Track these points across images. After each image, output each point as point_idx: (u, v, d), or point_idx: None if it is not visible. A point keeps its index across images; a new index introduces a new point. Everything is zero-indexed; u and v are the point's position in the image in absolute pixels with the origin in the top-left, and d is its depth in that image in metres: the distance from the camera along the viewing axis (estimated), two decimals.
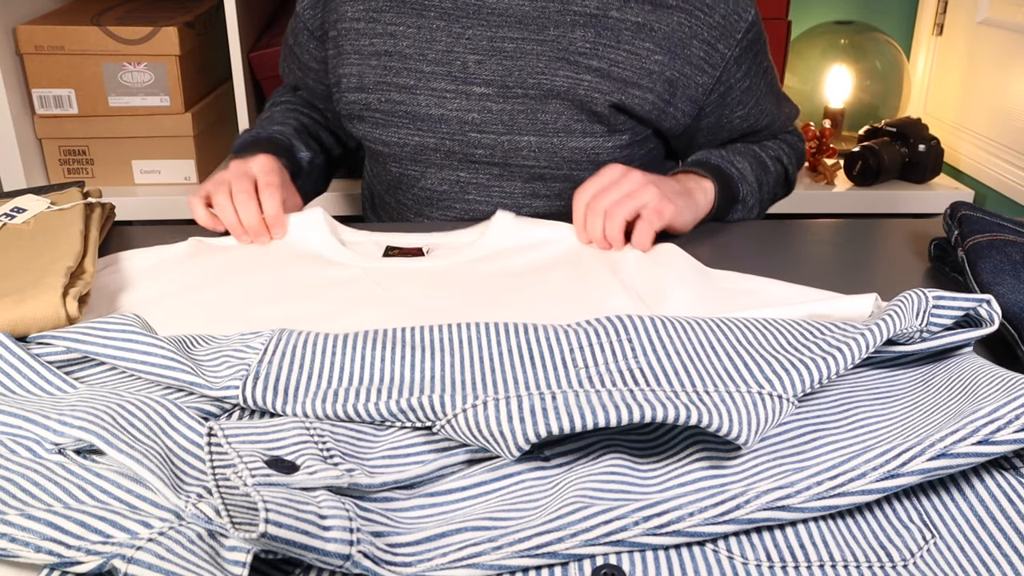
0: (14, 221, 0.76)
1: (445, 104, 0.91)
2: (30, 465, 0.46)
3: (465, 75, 0.90)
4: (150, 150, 1.50)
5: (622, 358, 0.53)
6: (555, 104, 0.90)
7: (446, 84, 0.91)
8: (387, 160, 0.97)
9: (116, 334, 0.55)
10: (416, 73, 0.91)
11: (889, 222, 0.94)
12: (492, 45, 0.90)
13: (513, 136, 0.91)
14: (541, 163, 0.92)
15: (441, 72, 0.91)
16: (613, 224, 0.80)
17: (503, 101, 0.90)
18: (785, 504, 0.42)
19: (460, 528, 0.42)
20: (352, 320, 0.67)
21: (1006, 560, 0.41)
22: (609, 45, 0.89)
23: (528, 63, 0.89)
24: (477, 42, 0.90)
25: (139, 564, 0.38)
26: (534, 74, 0.89)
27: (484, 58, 0.90)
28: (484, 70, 0.90)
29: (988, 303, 0.57)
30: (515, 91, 0.90)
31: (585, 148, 0.91)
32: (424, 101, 0.91)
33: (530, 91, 0.90)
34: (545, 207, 0.96)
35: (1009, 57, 1.55)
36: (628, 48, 0.89)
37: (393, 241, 0.82)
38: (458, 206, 0.97)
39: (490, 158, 0.93)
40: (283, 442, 0.45)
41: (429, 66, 0.91)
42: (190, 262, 0.75)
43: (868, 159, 1.61)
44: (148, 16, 1.48)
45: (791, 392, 0.49)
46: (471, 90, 0.91)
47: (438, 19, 0.91)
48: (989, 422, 0.43)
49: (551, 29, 0.89)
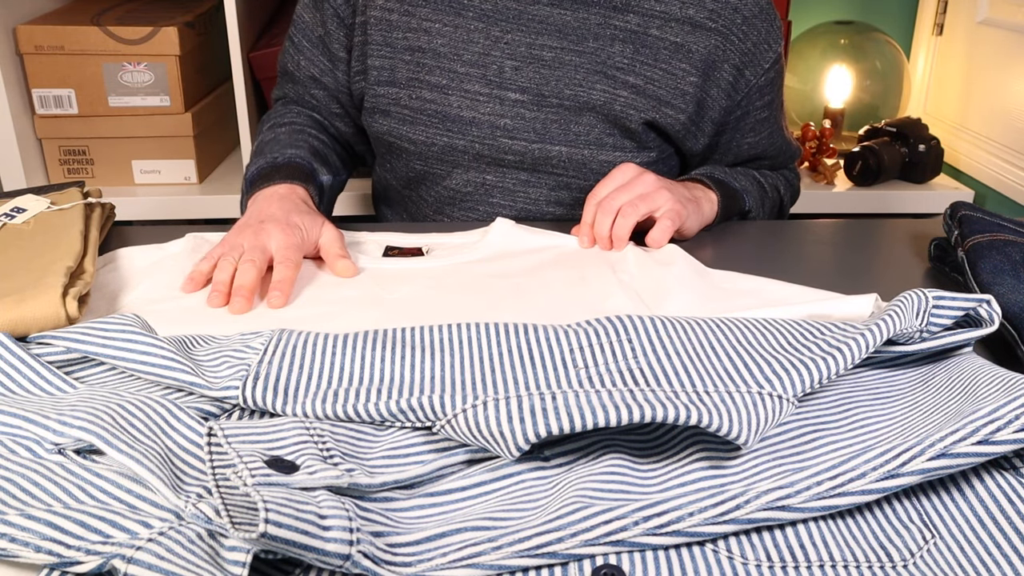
0: (14, 221, 0.76)
1: (478, 107, 0.91)
2: (30, 465, 0.46)
3: (500, 80, 0.90)
4: (150, 150, 1.50)
5: (622, 358, 0.53)
6: (589, 117, 0.90)
7: (480, 87, 0.90)
8: (411, 157, 0.96)
9: (116, 334, 0.55)
10: (449, 73, 0.90)
11: (889, 222, 0.94)
12: (530, 52, 0.89)
13: (544, 145, 0.91)
14: (569, 173, 0.93)
15: (476, 74, 0.90)
16: (624, 222, 0.79)
17: (537, 109, 0.90)
18: (785, 504, 0.42)
19: (460, 528, 0.42)
20: (351, 320, 0.67)
21: (1006, 560, 0.41)
22: (647, 63, 0.89)
23: (566, 73, 0.89)
24: (515, 48, 0.90)
25: (139, 564, 0.38)
26: (571, 85, 0.89)
27: (521, 65, 0.90)
28: (520, 77, 0.90)
29: (988, 303, 0.57)
30: (550, 100, 0.90)
31: (614, 162, 0.91)
32: (456, 102, 0.91)
33: (565, 102, 0.90)
34: (567, 216, 0.96)
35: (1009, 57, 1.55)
36: (665, 67, 0.90)
37: (393, 241, 0.82)
38: (481, 208, 0.96)
39: (519, 164, 0.93)
40: (283, 442, 0.45)
41: (464, 67, 0.90)
42: (189, 260, 0.75)
43: (868, 159, 1.61)
44: (148, 16, 1.48)
45: (791, 392, 0.49)
46: (505, 95, 0.90)
47: (476, 20, 0.90)
48: (989, 422, 0.43)
49: (590, 41, 0.89)
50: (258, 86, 1.55)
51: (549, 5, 0.89)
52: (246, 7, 1.49)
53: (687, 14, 0.89)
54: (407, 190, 1.01)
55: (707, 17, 0.89)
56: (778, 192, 1.03)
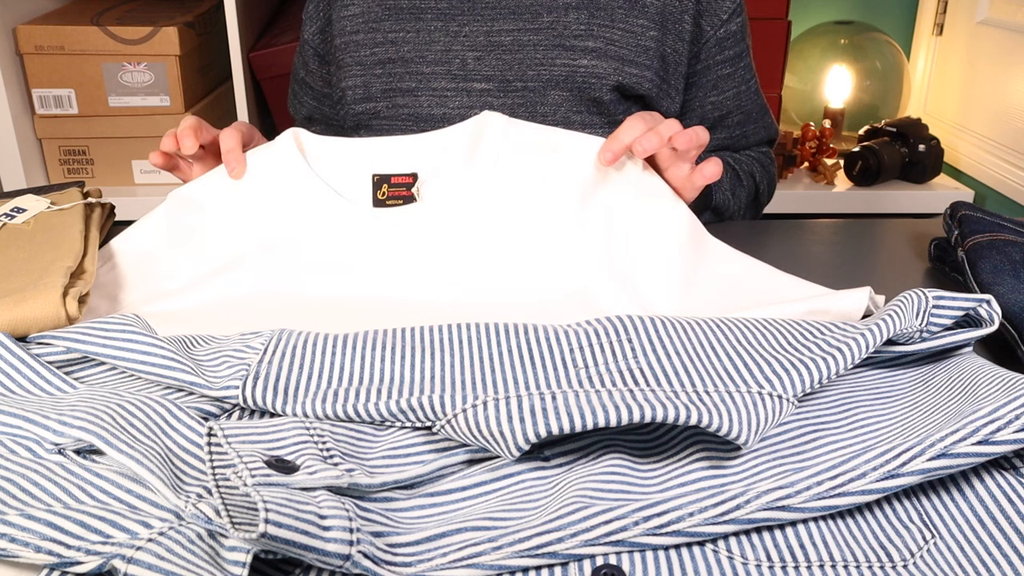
0: (14, 221, 0.76)
1: (447, 103, 0.91)
2: (30, 465, 0.46)
3: (465, 72, 0.91)
4: (150, 150, 1.49)
5: (622, 358, 0.53)
6: (554, 95, 0.90)
7: (446, 83, 0.91)
8: None
9: (116, 334, 0.55)
10: (417, 75, 0.92)
11: (889, 222, 0.94)
12: (489, 40, 0.90)
13: None
14: None
15: (441, 72, 0.91)
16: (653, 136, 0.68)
17: (504, 96, 0.91)
18: (785, 504, 0.42)
19: (460, 528, 0.42)
20: (352, 320, 0.67)
21: (1006, 560, 0.41)
22: (604, 24, 0.89)
23: (526, 55, 0.90)
24: (474, 38, 0.90)
25: (139, 564, 0.38)
26: (533, 65, 0.90)
27: (483, 54, 0.90)
28: (483, 66, 0.90)
29: (988, 303, 0.57)
30: (515, 85, 0.90)
31: None
32: (426, 102, 0.92)
33: (529, 83, 0.90)
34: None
35: (1009, 57, 1.55)
36: (623, 26, 0.89)
37: (380, 167, 0.74)
38: None
39: None
40: (283, 442, 0.45)
41: (429, 67, 0.91)
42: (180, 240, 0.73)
43: (868, 159, 1.61)
44: (148, 16, 1.48)
45: (791, 392, 0.49)
46: (471, 87, 0.91)
47: (435, 20, 0.91)
48: (989, 422, 0.43)
49: (545, 16, 0.89)
50: (258, 86, 1.55)
51: None
52: (246, 7, 1.49)
53: None
54: None
55: None
56: (753, 179, 0.98)
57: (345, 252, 0.72)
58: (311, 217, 0.72)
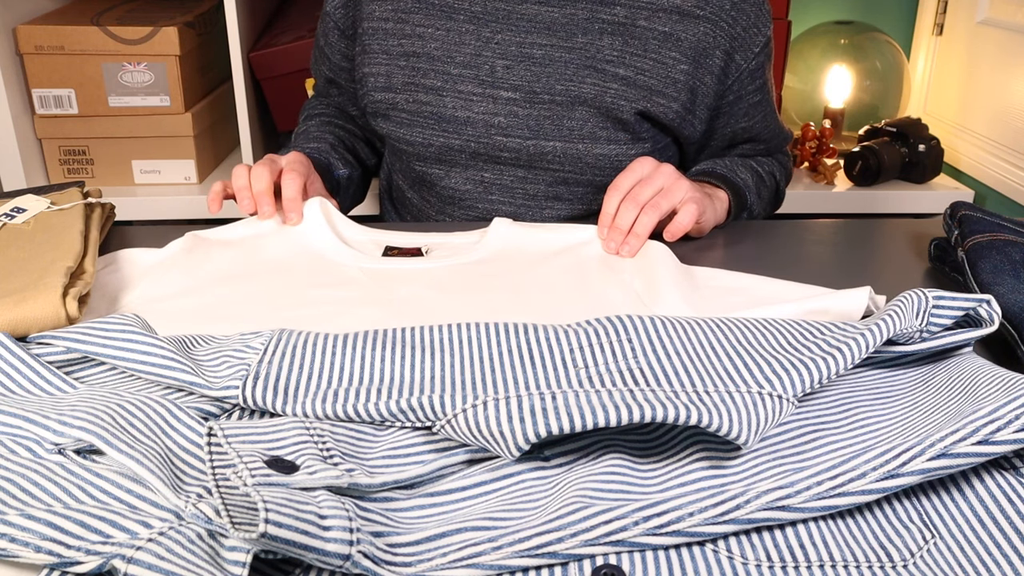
0: (14, 221, 0.76)
1: (471, 107, 0.92)
2: (30, 465, 0.46)
3: (493, 79, 0.91)
4: (150, 150, 1.50)
5: (622, 358, 0.53)
6: (581, 111, 0.91)
7: (473, 87, 0.91)
8: (411, 159, 0.98)
9: (116, 334, 0.55)
10: (443, 75, 0.92)
11: (889, 222, 0.94)
12: (520, 51, 0.91)
13: (539, 141, 0.92)
14: (565, 168, 0.93)
15: (468, 75, 0.91)
16: (647, 219, 0.79)
17: (530, 106, 0.91)
18: (785, 504, 0.42)
19: (460, 528, 0.42)
20: (351, 320, 0.67)
21: (1006, 560, 0.41)
22: (636, 54, 0.90)
23: (556, 70, 0.90)
24: (506, 47, 0.91)
25: (139, 564, 0.38)
26: (562, 81, 0.90)
27: (512, 63, 0.91)
28: (512, 75, 0.91)
29: (988, 303, 0.57)
30: (542, 97, 0.91)
31: (609, 155, 0.92)
32: (451, 103, 0.92)
33: (557, 97, 0.90)
34: (567, 210, 0.97)
35: (1009, 57, 1.55)
36: (655, 57, 0.90)
37: (392, 241, 0.82)
38: (480, 206, 0.97)
39: (515, 161, 0.94)
40: (283, 442, 0.45)
41: (457, 69, 0.91)
42: (188, 260, 0.75)
43: (868, 159, 1.61)
44: (148, 16, 1.48)
45: (791, 392, 0.49)
46: (498, 94, 0.91)
47: (467, 23, 0.91)
48: (989, 422, 0.43)
49: (579, 37, 0.90)
50: (258, 86, 1.55)
51: (537, 3, 0.90)
52: (246, 7, 1.49)
53: (674, 3, 0.90)
54: (411, 192, 1.03)
55: (695, 5, 0.90)
56: (774, 178, 1.04)
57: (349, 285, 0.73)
58: (323, 259, 0.78)
